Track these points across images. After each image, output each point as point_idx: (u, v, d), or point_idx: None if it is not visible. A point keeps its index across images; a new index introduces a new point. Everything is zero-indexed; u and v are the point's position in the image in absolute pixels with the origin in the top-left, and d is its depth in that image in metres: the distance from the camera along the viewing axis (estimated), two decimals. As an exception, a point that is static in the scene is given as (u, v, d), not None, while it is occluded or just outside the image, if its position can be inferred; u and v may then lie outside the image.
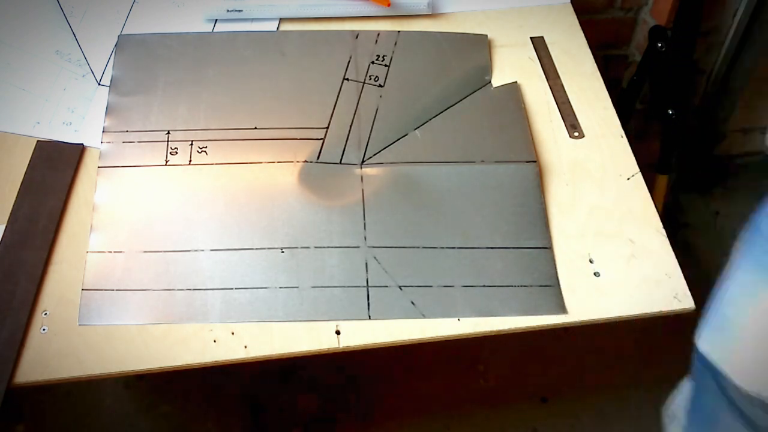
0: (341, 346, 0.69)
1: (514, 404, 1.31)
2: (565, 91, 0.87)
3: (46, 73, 0.85)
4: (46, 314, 0.69)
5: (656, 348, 1.35)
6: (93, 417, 1.27)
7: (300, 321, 0.69)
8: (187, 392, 1.30)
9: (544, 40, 0.92)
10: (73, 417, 1.27)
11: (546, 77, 0.88)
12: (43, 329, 0.68)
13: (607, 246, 0.75)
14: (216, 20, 0.91)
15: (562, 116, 0.85)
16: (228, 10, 0.90)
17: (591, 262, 0.74)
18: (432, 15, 0.94)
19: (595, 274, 0.73)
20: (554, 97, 0.86)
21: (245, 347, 0.68)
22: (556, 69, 0.89)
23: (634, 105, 1.29)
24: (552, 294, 0.71)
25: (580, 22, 0.94)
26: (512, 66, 0.89)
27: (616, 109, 0.86)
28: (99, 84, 0.85)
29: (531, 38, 0.92)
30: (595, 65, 0.90)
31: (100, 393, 1.29)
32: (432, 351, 1.34)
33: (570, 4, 0.96)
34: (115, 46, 0.87)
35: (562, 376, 1.34)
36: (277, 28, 0.91)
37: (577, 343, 1.36)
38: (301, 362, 1.33)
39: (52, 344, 0.67)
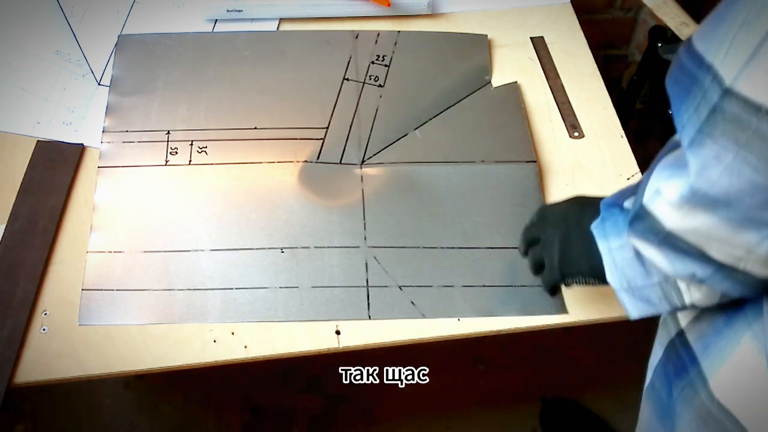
0: (341, 346, 0.69)
1: (514, 404, 1.31)
2: (565, 91, 0.87)
3: (46, 73, 0.85)
4: (46, 314, 0.69)
5: (656, 348, 1.35)
6: (93, 417, 1.27)
7: (300, 321, 0.69)
8: (187, 392, 1.30)
9: (544, 40, 0.92)
10: (73, 417, 1.27)
11: (546, 77, 0.88)
12: (43, 329, 0.68)
13: (607, 246, 0.75)
14: (216, 20, 0.91)
15: (562, 116, 0.85)
16: (228, 10, 0.90)
17: (591, 262, 0.74)
18: (432, 15, 0.94)
19: (595, 274, 0.73)
20: (554, 97, 0.86)
21: (245, 347, 0.68)
22: (556, 69, 0.89)
23: (634, 105, 1.28)
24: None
25: (580, 22, 0.94)
26: (512, 66, 0.89)
27: (616, 109, 0.85)
28: (99, 84, 0.85)
29: (531, 38, 0.92)
30: (595, 65, 0.90)
31: (100, 393, 1.29)
32: (432, 351, 1.34)
33: (570, 4, 0.96)
34: (115, 46, 0.87)
35: (562, 376, 1.34)
36: (277, 28, 0.91)
37: (577, 343, 1.36)
38: (301, 362, 1.33)
39: (52, 344, 0.67)
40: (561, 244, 0.59)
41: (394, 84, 0.86)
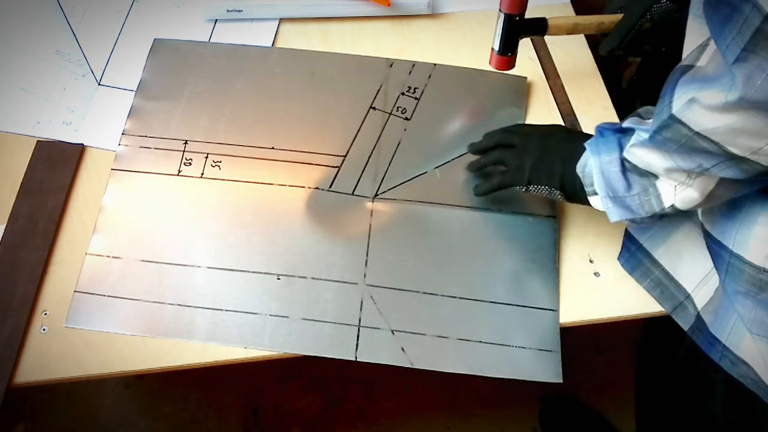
0: (341, 346, 0.69)
1: (514, 404, 1.31)
2: (565, 91, 0.87)
3: (46, 73, 0.85)
4: (46, 314, 0.69)
5: (656, 348, 1.34)
6: (93, 417, 1.27)
7: (285, 353, 0.68)
8: (187, 392, 1.30)
9: (544, 40, 0.91)
10: (73, 417, 1.27)
11: (546, 77, 0.88)
12: (43, 329, 0.68)
13: (607, 246, 0.75)
14: (216, 20, 0.91)
15: (562, 116, 0.85)
16: (228, 10, 0.90)
17: (591, 262, 0.74)
18: (432, 15, 0.94)
19: (595, 274, 0.73)
20: (554, 97, 0.86)
21: (245, 347, 0.68)
22: (556, 69, 0.89)
23: (634, 105, 1.28)
24: (551, 360, 0.69)
25: (580, 22, 0.94)
26: (512, 66, 0.89)
27: (616, 109, 0.85)
28: (99, 84, 0.85)
29: (531, 38, 0.92)
30: (595, 65, 0.90)
31: (100, 393, 1.29)
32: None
33: (570, 4, 0.96)
34: (150, 50, 0.87)
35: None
36: (277, 28, 0.91)
37: (577, 343, 1.36)
38: (301, 362, 1.33)
39: (52, 344, 0.67)
40: (539, 154, 0.67)
41: (422, 118, 0.82)
